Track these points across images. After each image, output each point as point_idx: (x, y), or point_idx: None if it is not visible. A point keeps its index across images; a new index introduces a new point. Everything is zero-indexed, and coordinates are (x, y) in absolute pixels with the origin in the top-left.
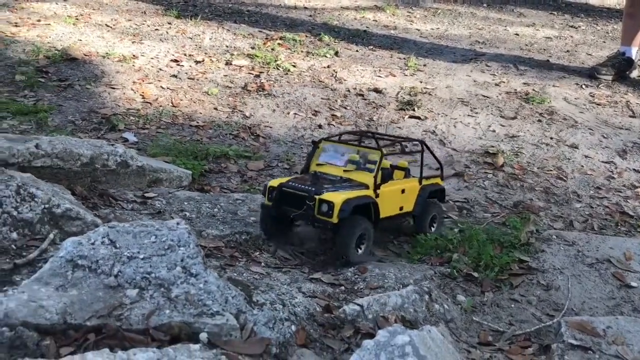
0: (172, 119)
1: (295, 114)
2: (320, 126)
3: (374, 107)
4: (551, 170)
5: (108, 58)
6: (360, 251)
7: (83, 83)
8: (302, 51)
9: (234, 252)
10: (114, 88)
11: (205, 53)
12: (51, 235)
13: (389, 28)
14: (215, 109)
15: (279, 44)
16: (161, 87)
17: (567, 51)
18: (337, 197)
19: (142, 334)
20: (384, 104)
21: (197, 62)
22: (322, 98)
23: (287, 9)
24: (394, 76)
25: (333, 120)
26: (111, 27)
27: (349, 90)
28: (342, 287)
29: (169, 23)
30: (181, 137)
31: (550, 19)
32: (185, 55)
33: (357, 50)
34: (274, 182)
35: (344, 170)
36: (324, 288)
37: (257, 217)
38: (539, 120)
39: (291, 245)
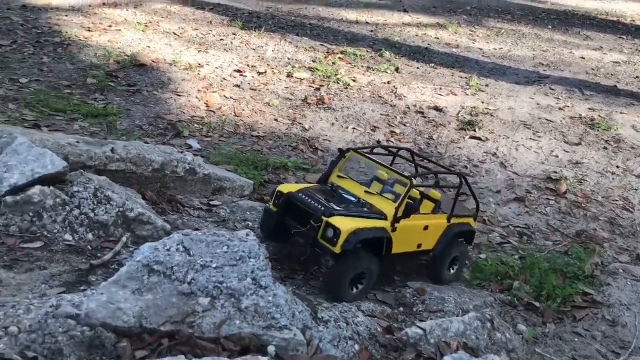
0: (234, 128)
1: (354, 128)
2: (378, 142)
3: (434, 126)
4: (617, 200)
5: (175, 65)
6: (355, 290)
7: (150, 89)
8: (362, 66)
9: (294, 265)
10: (179, 95)
11: (268, 64)
12: (124, 238)
13: (451, 46)
14: (276, 120)
15: (339, 58)
16: (224, 96)
17: (637, 77)
18: (347, 225)
19: (213, 343)
20: (444, 122)
21: (259, 73)
22: (381, 114)
23: (349, 23)
24: (455, 95)
25: (392, 136)
26: (178, 35)
27: (408, 107)
28: (401, 308)
29: (234, 33)
30: (242, 146)
31: (619, 42)
32: (248, 65)
33: (417, 67)
34: (284, 188)
35: (365, 192)
36: (383, 308)
37: None
38: (605, 148)
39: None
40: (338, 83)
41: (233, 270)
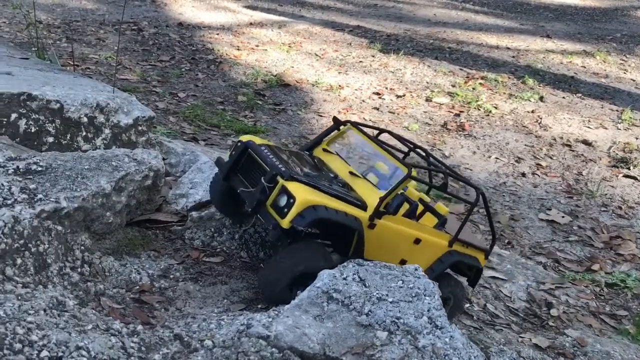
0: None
1: (497, 158)
2: (523, 174)
3: (583, 161)
4: None
5: (317, 86)
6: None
7: (294, 108)
8: (504, 93)
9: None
10: (321, 116)
11: (406, 88)
12: None
13: (599, 76)
14: None
15: (480, 83)
16: (364, 118)
17: None
18: (306, 195)
19: None
20: (593, 158)
21: (398, 96)
22: (525, 144)
23: (489, 48)
24: (605, 129)
25: (537, 169)
26: (320, 57)
27: (554, 139)
28: (562, 359)
29: (373, 56)
30: None
31: None
32: (387, 88)
33: (563, 97)
34: (247, 138)
35: (350, 173)
36: (543, 356)
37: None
38: None
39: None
40: (479, 110)
41: (409, 306)
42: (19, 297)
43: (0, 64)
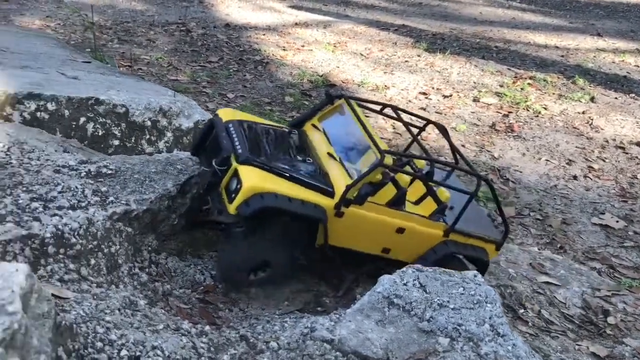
0: (420, 152)
1: (547, 160)
2: (575, 177)
3: (637, 163)
4: None
5: (362, 86)
6: (254, 277)
7: None
8: (553, 93)
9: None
10: (367, 116)
11: (453, 88)
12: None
13: None
14: (463, 146)
15: (528, 83)
16: (411, 118)
17: None
18: (255, 182)
19: None
20: None
21: (444, 96)
22: (576, 146)
23: (537, 47)
24: None
25: (589, 172)
26: (365, 56)
27: (607, 141)
28: None
29: (418, 55)
30: None
31: None
32: (433, 88)
33: (615, 98)
34: (224, 113)
35: (328, 154)
36: None
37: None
38: None
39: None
40: (528, 110)
41: (471, 313)
42: (95, 297)
43: (66, 68)
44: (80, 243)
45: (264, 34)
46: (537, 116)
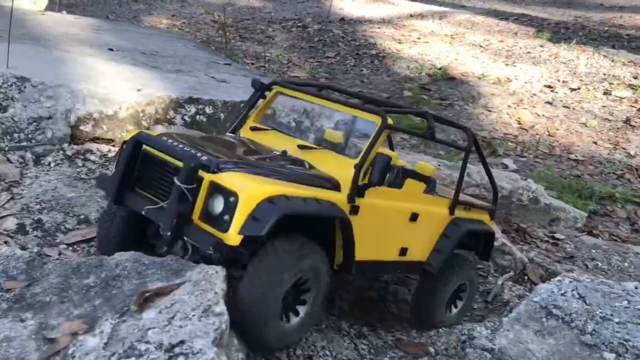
0: (549, 149)
1: None
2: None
3: None
4: None
5: (483, 79)
6: (290, 323)
7: (461, 103)
8: None
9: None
10: (490, 111)
11: (581, 80)
12: (506, 275)
13: None
14: (595, 142)
15: None
16: (536, 113)
17: None
18: (252, 187)
19: None
20: None
21: (571, 89)
22: None
23: None
24: None
25: None
26: (484, 48)
27: None
28: None
29: (541, 46)
30: (560, 170)
31: None
32: (559, 81)
33: None
34: (133, 132)
35: (300, 146)
36: None
37: None
38: None
39: None
40: None
41: (638, 329)
42: None
43: (212, 71)
44: None
45: (378, 27)
46: None
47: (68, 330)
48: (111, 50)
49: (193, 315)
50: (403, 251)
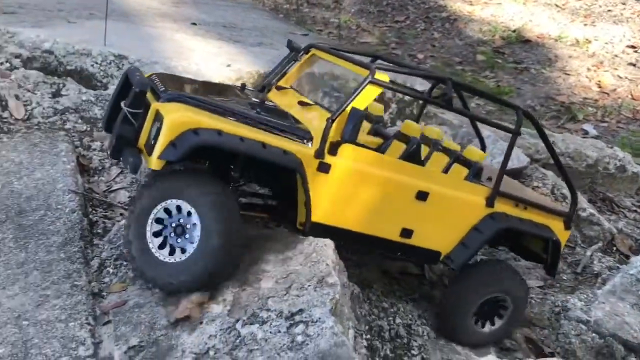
0: (633, 113)
1: None
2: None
3: None
4: None
5: (560, 41)
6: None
7: (538, 67)
8: None
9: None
10: (567, 74)
11: None
12: (595, 247)
13: None
14: None
15: None
16: (618, 76)
17: None
18: (179, 115)
19: None
20: None
21: None
22: None
23: None
24: None
25: None
26: (560, 7)
27: None
28: None
29: (623, 3)
30: None
31: None
32: None
33: None
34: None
35: (301, 102)
36: None
37: None
38: None
39: None
40: None
41: None
42: None
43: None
44: None
45: None
46: None
47: (195, 303)
48: (194, 24)
49: (309, 286)
50: (406, 232)
